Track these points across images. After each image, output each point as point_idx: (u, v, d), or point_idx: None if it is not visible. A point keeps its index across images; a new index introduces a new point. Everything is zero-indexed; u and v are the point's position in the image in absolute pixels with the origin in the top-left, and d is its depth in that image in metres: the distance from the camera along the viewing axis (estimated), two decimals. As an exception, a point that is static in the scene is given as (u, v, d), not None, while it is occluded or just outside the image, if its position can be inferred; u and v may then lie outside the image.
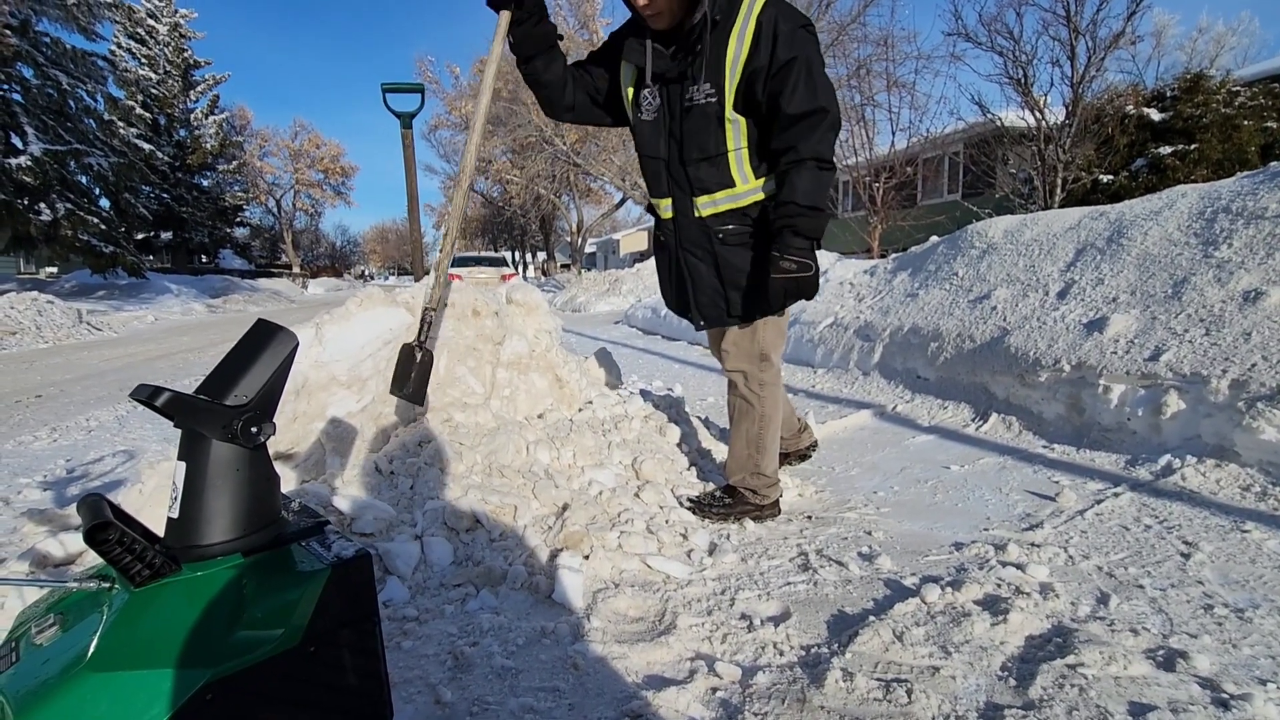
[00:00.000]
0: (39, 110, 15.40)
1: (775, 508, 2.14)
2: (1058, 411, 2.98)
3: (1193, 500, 2.15)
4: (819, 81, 1.73)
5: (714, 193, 1.90)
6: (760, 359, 2.03)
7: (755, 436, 2.07)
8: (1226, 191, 3.36)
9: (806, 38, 1.75)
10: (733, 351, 2.06)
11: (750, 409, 2.07)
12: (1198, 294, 2.87)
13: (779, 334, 2.05)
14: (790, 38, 1.72)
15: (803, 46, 1.73)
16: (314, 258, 53.23)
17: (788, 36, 1.72)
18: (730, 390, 2.13)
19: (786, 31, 1.72)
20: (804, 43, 1.73)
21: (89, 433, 3.45)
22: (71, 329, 9.97)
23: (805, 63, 1.72)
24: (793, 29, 1.73)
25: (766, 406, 2.06)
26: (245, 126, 37.41)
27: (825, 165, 1.75)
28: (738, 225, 1.91)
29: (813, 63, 1.73)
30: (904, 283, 4.97)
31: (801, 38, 1.73)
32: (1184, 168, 9.94)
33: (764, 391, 2.05)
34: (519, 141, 20.92)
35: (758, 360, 2.03)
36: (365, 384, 2.05)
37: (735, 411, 2.12)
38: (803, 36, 1.74)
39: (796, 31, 1.73)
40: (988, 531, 2.00)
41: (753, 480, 2.08)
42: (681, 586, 1.62)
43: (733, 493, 2.10)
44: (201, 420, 0.92)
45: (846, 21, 14.01)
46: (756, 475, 2.08)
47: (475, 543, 1.73)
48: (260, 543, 0.94)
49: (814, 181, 1.73)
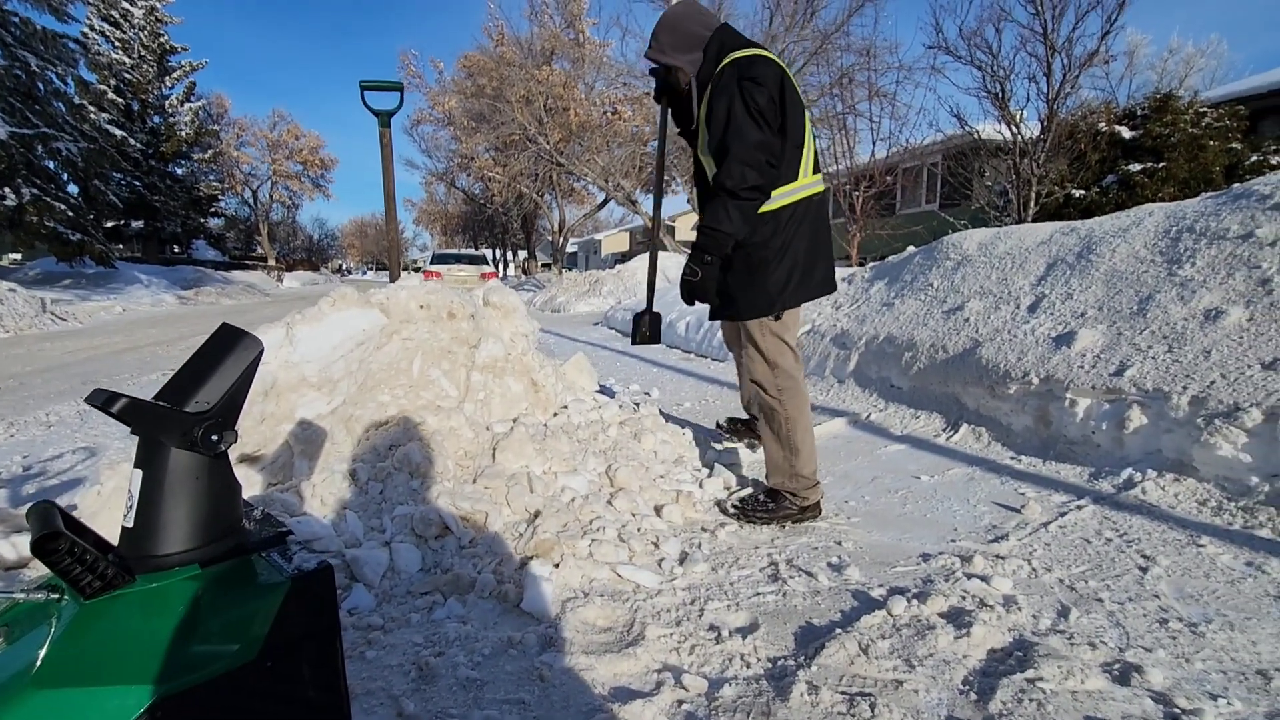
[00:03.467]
0: (5, 92, 14.93)
1: (817, 509, 2.25)
2: (1026, 423, 3.04)
3: (1152, 514, 2.20)
4: (733, 123, 1.98)
5: None
6: (772, 368, 2.22)
7: (786, 438, 2.21)
8: (1191, 212, 3.45)
9: (736, 85, 2.00)
10: (751, 366, 2.28)
11: (775, 413, 2.23)
12: (1162, 311, 2.94)
13: (778, 344, 2.22)
14: (722, 89, 2.02)
15: (725, 95, 2.01)
16: (290, 251, 52.29)
17: (721, 89, 2.03)
18: (756, 396, 2.31)
19: (723, 84, 2.02)
20: (729, 90, 2.01)
21: (48, 428, 3.35)
22: (34, 318, 9.69)
23: (722, 108, 2.01)
24: (728, 81, 2.01)
25: (789, 409, 2.21)
26: (222, 115, 36.68)
27: (732, 194, 1.99)
28: None
29: (731, 106, 1.99)
30: (880, 292, 5.04)
31: (730, 88, 2.01)
32: (1152, 185, 10.20)
33: (783, 395, 2.22)
34: (502, 139, 20.77)
35: (770, 369, 2.22)
36: (336, 385, 2.02)
37: (764, 415, 2.29)
38: (732, 86, 2.01)
39: (730, 83, 2.00)
40: (955, 543, 2.03)
41: (792, 483, 2.21)
42: (651, 596, 1.62)
43: (775, 496, 2.23)
44: (160, 427, 0.89)
45: (830, 30, 14.15)
46: (795, 477, 2.21)
47: (445, 550, 1.71)
48: (218, 553, 0.92)
49: (714, 209, 2.03)
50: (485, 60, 21.57)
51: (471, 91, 21.84)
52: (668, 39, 2.17)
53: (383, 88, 2.63)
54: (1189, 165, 10.18)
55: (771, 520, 2.18)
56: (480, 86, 21.26)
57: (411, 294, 2.19)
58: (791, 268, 2.15)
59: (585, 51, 20.58)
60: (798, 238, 2.14)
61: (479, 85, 21.41)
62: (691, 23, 2.17)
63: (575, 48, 20.79)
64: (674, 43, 2.16)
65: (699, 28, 2.15)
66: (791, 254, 2.14)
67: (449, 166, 30.58)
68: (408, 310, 2.17)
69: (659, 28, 2.19)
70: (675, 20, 2.18)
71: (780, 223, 2.11)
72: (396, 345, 2.15)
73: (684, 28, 2.16)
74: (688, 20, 2.17)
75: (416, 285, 2.24)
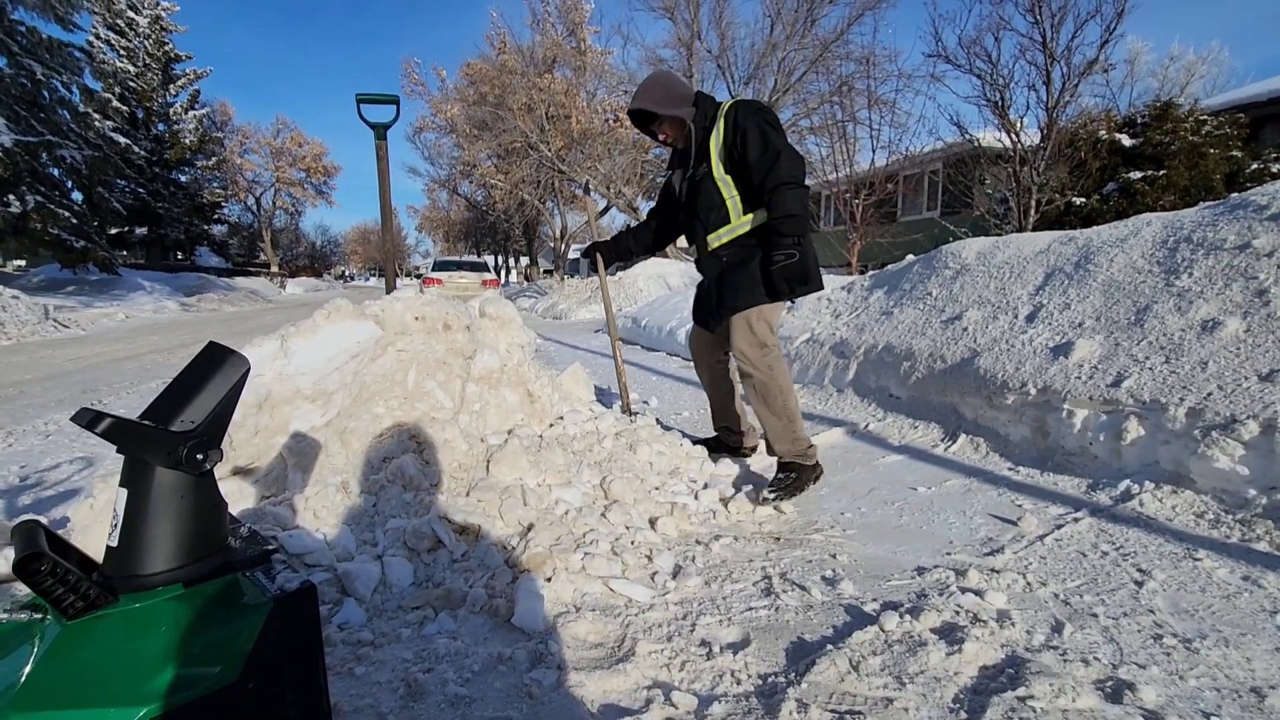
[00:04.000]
0: (11, 100, 15.04)
1: (819, 468, 2.58)
2: (1023, 434, 3.03)
3: (1149, 526, 2.19)
4: (769, 136, 2.35)
5: (719, 230, 2.56)
6: (760, 347, 2.48)
7: (781, 407, 2.47)
8: (1189, 222, 3.45)
9: (756, 115, 2.40)
10: (741, 348, 2.50)
11: (768, 384, 2.46)
12: (1159, 322, 2.94)
13: (769, 329, 2.51)
14: (745, 119, 2.40)
15: (753, 120, 2.38)
16: (293, 257, 52.47)
17: (743, 119, 2.41)
18: (745, 381, 2.53)
19: (743, 114, 2.42)
20: (753, 117, 2.39)
21: (46, 437, 3.36)
22: (37, 325, 9.72)
23: (756, 128, 2.36)
24: (747, 112, 2.41)
25: (780, 379, 2.48)
26: (226, 123, 36.86)
27: (792, 185, 2.31)
28: (736, 250, 2.53)
29: (762, 127, 2.36)
30: (880, 301, 5.03)
31: (752, 115, 2.40)
32: (1153, 193, 10.20)
33: (774, 369, 2.47)
34: (504, 146, 20.85)
35: (759, 348, 2.48)
36: (331, 397, 2.02)
37: (756, 393, 2.49)
38: (753, 114, 2.40)
39: (750, 113, 2.41)
40: (950, 556, 2.02)
41: (796, 447, 2.50)
42: (643, 610, 1.62)
43: (789, 467, 2.50)
44: (145, 447, 0.90)
45: (831, 39, 14.21)
46: (797, 441, 2.50)
47: (437, 563, 1.71)
48: (202, 572, 0.92)
49: (787, 197, 2.31)
50: (487, 68, 21.67)
51: (474, 99, 21.93)
52: (664, 95, 2.51)
53: (379, 101, 2.65)
54: (1189, 173, 10.18)
55: (802, 488, 2.48)
56: (482, 94, 21.36)
57: (407, 306, 2.20)
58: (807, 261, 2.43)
59: (587, 59, 20.68)
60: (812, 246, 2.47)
61: (481, 93, 21.51)
62: (678, 84, 2.59)
63: (577, 56, 20.90)
64: (668, 99, 2.51)
65: (685, 88, 2.58)
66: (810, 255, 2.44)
67: (451, 173, 30.73)
68: (403, 322, 2.18)
69: (653, 87, 2.55)
70: (667, 81, 2.59)
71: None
72: (391, 357, 2.15)
73: (674, 87, 2.56)
74: (675, 81, 2.60)
75: (412, 297, 2.24)
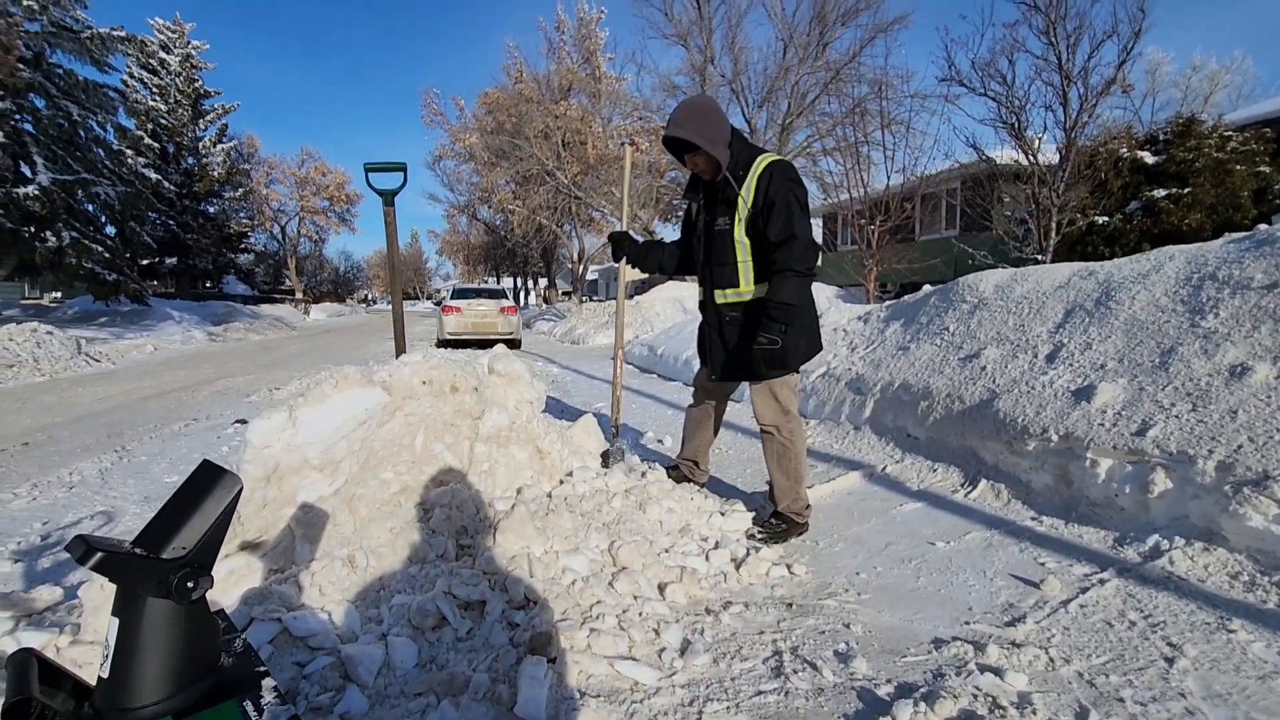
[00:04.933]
0: (49, 140, 15.62)
1: (806, 527, 2.74)
2: (1046, 482, 2.95)
3: (1179, 589, 2.10)
4: (795, 217, 2.39)
5: (725, 289, 2.66)
6: (785, 414, 2.65)
7: (793, 470, 2.67)
8: (1213, 257, 3.36)
9: (789, 185, 2.41)
10: (764, 412, 2.68)
11: (787, 451, 2.66)
12: (1184, 365, 2.85)
13: (792, 394, 2.68)
14: (778, 188, 2.41)
15: (784, 193, 2.40)
16: (317, 283, 53.48)
17: (776, 187, 2.41)
18: (766, 440, 2.71)
19: (776, 184, 2.42)
20: (785, 190, 2.40)
21: (70, 489, 3.42)
22: (69, 360, 9.98)
23: (785, 205, 2.40)
24: (781, 181, 2.42)
25: (798, 445, 2.68)
26: (253, 154, 37.92)
27: (799, 273, 2.39)
28: (738, 313, 2.65)
29: (790, 204, 2.39)
30: (896, 334, 4.97)
31: (785, 187, 2.41)
32: (1178, 211, 10.00)
33: (794, 438, 2.67)
34: (521, 173, 21.15)
35: (782, 415, 2.65)
36: (339, 465, 2.03)
37: (775, 455, 2.68)
38: (786, 186, 2.41)
39: (784, 184, 2.41)
40: (969, 625, 1.96)
41: (795, 505, 2.69)
42: (649, 696, 1.58)
43: (782, 518, 2.69)
44: (136, 579, 0.90)
45: (843, 62, 14.25)
46: (797, 501, 2.69)
47: (441, 643, 1.69)
48: (192, 699, 0.92)
49: (790, 284, 2.39)
50: (504, 97, 22.09)
51: (491, 128, 22.34)
52: (712, 132, 2.45)
53: (387, 169, 2.70)
54: (1216, 190, 9.98)
55: (785, 539, 2.64)
56: (500, 123, 21.74)
57: (414, 370, 2.21)
58: (810, 327, 2.64)
59: (602, 86, 20.99)
60: (812, 302, 2.63)
61: (499, 121, 21.91)
62: (720, 119, 2.52)
63: (592, 83, 21.22)
64: (716, 136, 2.46)
65: (726, 124, 2.52)
66: (810, 314, 2.63)
67: (470, 199, 31.25)
68: (410, 387, 2.18)
69: (699, 117, 2.47)
70: (712, 113, 2.51)
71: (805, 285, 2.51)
72: (399, 422, 2.16)
73: (719, 123, 2.50)
74: (717, 115, 2.52)
75: (419, 361, 2.25)
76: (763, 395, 2.66)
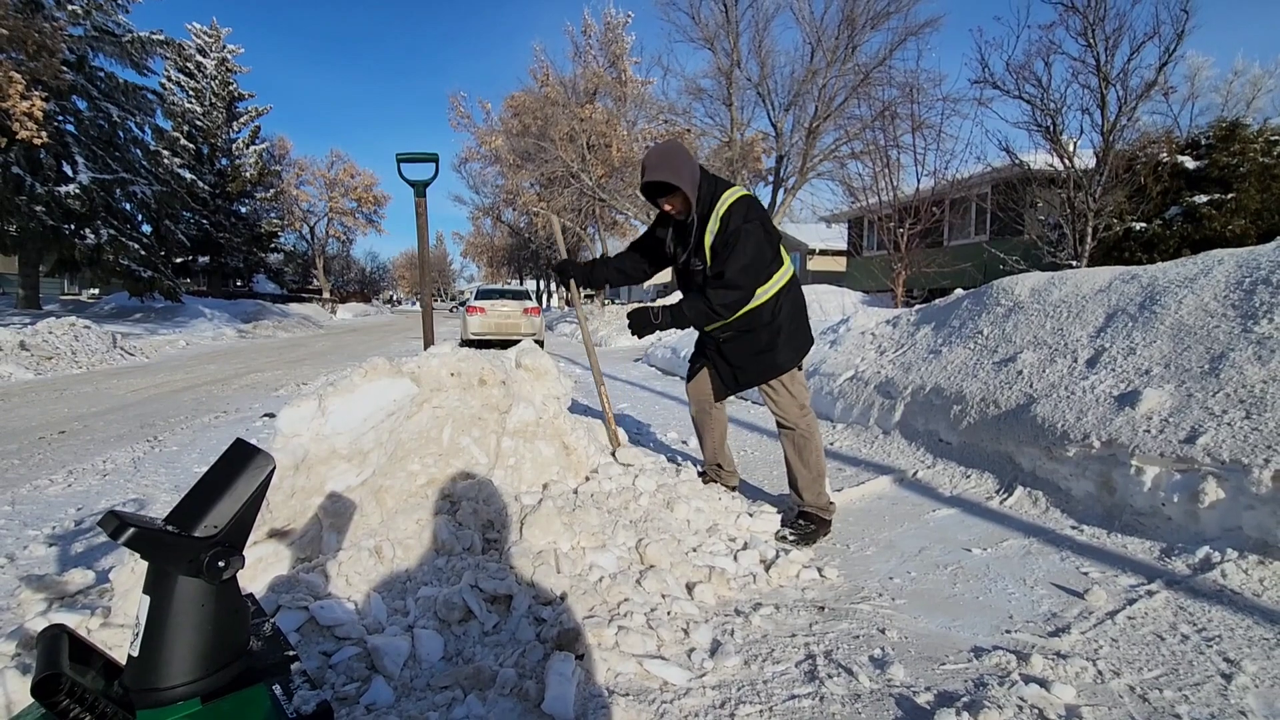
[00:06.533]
0: (90, 141, 16.09)
1: (830, 525, 2.72)
2: (1087, 490, 2.85)
3: (1234, 604, 2.00)
4: (740, 261, 2.46)
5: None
6: (800, 408, 2.73)
7: (815, 463, 2.70)
8: (1266, 261, 3.23)
9: (745, 228, 2.47)
10: (785, 408, 2.73)
11: (807, 441, 2.71)
12: (1236, 372, 2.73)
13: (804, 388, 2.77)
14: (735, 230, 2.47)
15: (739, 236, 2.46)
16: (344, 283, 54.36)
17: (735, 226, 2.48)
18: (785, 434, 2.75)
19: (735, 224, 2.48)
20: (741, 234, 2.46)
21: (104, 477, 3.47)
22: (105, 354, 10.23)
23: (743, 250, 2.46)
24: (739, 224, 2.47)
25: (816, 438, 2.73)
26: (284, 156, 38.65)
27: (710, 307, 2.51)
28: (731, 332, 2.72)
29: (745, 248, 2.46)
30: (927, 337, 4.86)
31: (742, 230, 2.46)
32: (1221, 217, 9.70)
33: (812, 427, 2.74)
34: (546, 175, 21.26)
35: (799, 408, 2.73)
36: (366, 456, 2.02)
37: (795, 447, 2.71)
38: (743, 230, 2.47)
39: (742, 226, 2.47)
40: (1010, 634, 1.88)
41: (819, 501, 2.70)
42: (679, 696, 1.53)
43: (809, 518, 2.68)
44: (167, 556, 0.88)
45: (872, 65, 14.10)
46: (820, 495, 2.71)
47: (468, 635, 1.66)
48: (222, 683, 0.90)
49: (696, 307, 2.54)
50: (531, 100, 22.22)
51: (517, 130, 22.49)
52: (687, 173, 2.50)
53: (419, 159, 2.70)
54: (1261, 196, 9.66)
55: (814, 540, 2.61)
56: (525, 125, 21.87)
57: (443, 362, 2.19)
58: (798, 328, 2.72)
59: (627, 90, 21.02)
60: (797, 304, 2.73)
61: (524, 124, 22.03)
62: (691, 162, 2.57)
63: (618, 86, 21.26)
64: (690, 177, 2.51)
65: (696, 168, 2.57)
66: (797, 317, 2.72)
67: (495, 201, 31.48)
68: (439, 378, 2.17)
69: (673, 160, 2.51)
70: (684, 156, 2.56)
71: (782, 297, 2.66)
72: (427, 414, 2.14)
73: (691, 165, 2.56)
74: (689, 159, 2.58)
75: (448, 353, 2.24)
76: (780, 393, 2.72)
